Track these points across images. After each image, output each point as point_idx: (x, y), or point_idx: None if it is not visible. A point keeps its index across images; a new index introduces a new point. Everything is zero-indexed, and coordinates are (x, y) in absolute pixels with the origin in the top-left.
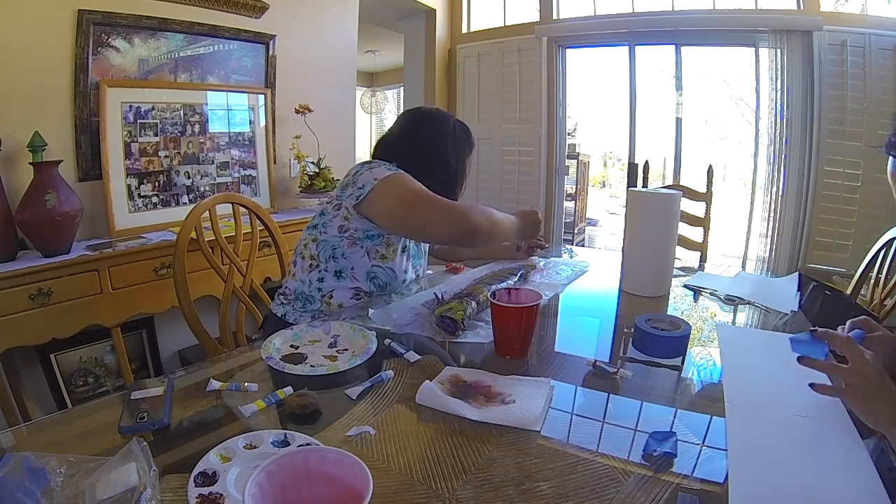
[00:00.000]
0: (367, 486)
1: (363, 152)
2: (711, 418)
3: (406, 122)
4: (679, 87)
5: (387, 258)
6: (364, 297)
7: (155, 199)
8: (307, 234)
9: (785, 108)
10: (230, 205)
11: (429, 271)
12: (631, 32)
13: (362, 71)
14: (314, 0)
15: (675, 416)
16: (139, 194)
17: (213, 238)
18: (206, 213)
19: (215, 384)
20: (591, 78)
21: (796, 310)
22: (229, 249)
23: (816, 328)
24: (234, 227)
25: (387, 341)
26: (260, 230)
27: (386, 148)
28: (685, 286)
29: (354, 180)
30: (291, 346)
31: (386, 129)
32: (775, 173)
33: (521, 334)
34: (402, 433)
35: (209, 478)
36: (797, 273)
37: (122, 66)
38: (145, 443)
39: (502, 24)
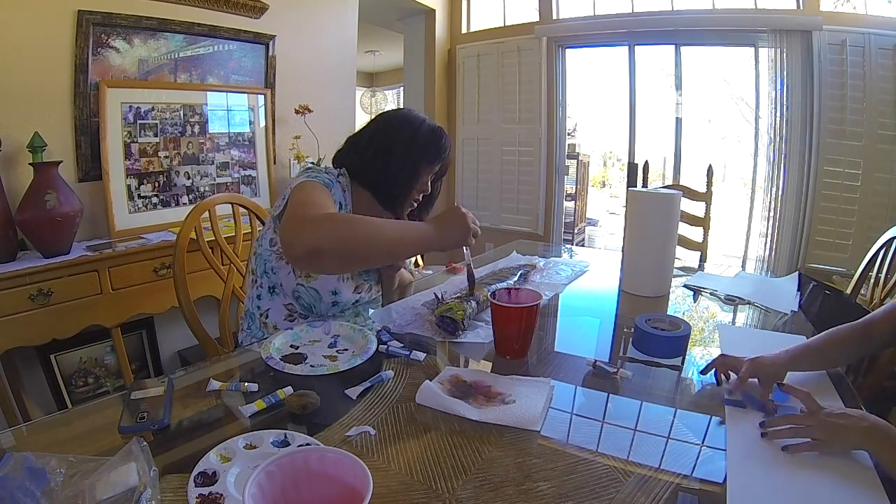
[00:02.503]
0: (367, 486)
1: None
2: (711, 418)
3: (368, 124)
4: (679, 87)
5: (311, 277)
6: (297, 317)
7: (155, 200)
8: (253, 246)
9: (785, 107)
10: (230, 205)
11: (428, 271)
12: (630, 32)
13: (362, 71)
14: (314, 0)
15: (674, 416)
16: (139, 195)
17: (213, 238)
18: (206, 214)
19: (215, 384)
20: (590, 78)
21: (796, 310)
22: (229, 250)
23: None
24: (234, 228)
25: (385, 339)
26: (260, 230)
27: (343, 149)
28: (685, 286)
29: (286, 189)
30: (291, 346)
31: None
32: (775, 173)
33: (521, 334)
34: (402, 433)
35: (209, 478)
36: (797, 273)
37: (122, 66)
38: (145, 443)
39: (502, 25)
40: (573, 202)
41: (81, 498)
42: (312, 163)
